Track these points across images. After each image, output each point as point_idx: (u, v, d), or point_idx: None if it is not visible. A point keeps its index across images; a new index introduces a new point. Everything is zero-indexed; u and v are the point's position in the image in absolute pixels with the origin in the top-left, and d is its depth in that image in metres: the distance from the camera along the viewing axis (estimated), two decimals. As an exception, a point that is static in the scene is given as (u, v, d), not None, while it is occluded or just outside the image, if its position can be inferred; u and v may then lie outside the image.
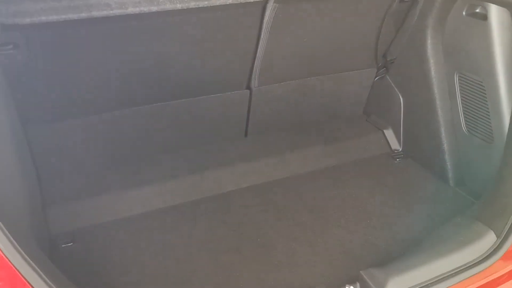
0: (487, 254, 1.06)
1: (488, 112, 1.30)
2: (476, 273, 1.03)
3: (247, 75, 1.42)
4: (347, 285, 1.00)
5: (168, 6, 1.05)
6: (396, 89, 1.58)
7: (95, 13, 1.00)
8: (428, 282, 1.00)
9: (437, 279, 1.01)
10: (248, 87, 1.46)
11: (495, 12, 1.23)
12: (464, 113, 1.39)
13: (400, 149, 1.61)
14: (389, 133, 1.63)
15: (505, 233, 1.08)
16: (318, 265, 1.16)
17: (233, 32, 1.26)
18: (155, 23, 1.13)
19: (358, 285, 1.01)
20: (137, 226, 1.27)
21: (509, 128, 1.22)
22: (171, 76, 1.31)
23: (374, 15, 1.43)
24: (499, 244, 1.07)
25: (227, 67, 1.37)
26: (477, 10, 1.29)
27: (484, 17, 1.25)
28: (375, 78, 1.65)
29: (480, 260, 1.05)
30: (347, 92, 1.65)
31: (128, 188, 1.34)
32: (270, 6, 1.21)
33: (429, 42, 1.40)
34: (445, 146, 1.45)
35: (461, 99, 1.39)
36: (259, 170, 1.47)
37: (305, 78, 1.52)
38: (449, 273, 1.02)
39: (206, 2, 1.07)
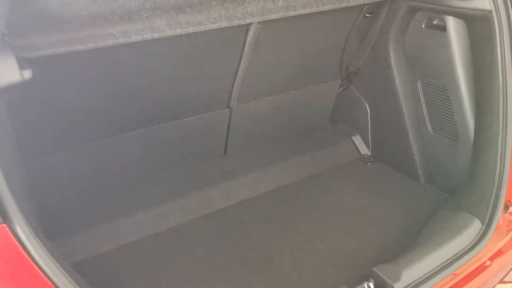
0: (476, 239, 1.19)
1: (452, 112, 1.44)
2: (471, 257, 1.14)
3: (228, 95, 1.47)
4: (364, 282, 1.07)
5: (168, 33, 1.08)
6: (362, 98, 1.69)
7: (101, 43, 1.01)
8: (431, 272, 1.10)
9: (437, 268, 1.11)
10: (228, 106, 1.51)
11: (452, 24, 1.37)
12: (429, 115, 1.53)
13: (370, 154, 1.73)
14: (357, 140, 1.74)
15: (488, 219, 1.22)
16: (325, 268, 1.22)
17: (219, 54, 1.31)
18: (149, 48, 1.15)
19: (372, 281, 1.08)
20: (138, 252, 1.27)
21: (475, 125, 1.37)
22: (158, 100, 1.33)
23: (341, 30, 1.53)
24: (484, 230, 1.21)
25: (211, 88, 1.41)
26: (435, 22, 1.43)
27: (443, 28, 1.39)
28: (339, 89, 1.76)
29: (472, 246, 1.17)
30: (315, 104, 1.75)
31: (120, 216, 1.34)
32: (253, 27, 1.28)
33: (392, 53, 1.53)
34: (413, 147, 1.58)
35: (425, 103, 1.52)
36: (246, 185, 1.52)
37: (279, 94, 1.60)
38: (448, 261, 1.12)
39: (202, 27, 1.12)
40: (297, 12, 1.24)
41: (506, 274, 1.34)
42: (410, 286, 1.06)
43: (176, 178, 1.50)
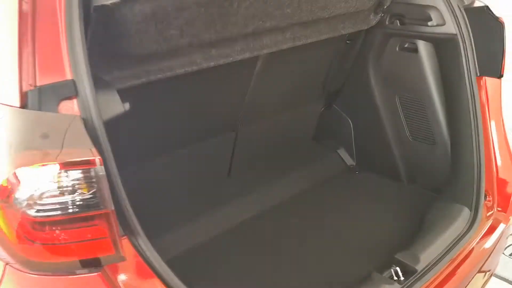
0: (469, 224, 1.41)
1: (428, 121, 1.68)
2: (469, 239, 1.37)
3: (235, 118, 1.63)
4: (392, 266, 1.26)
5: (204, 65, 1.24)
6: (344, 114, 1.91)
7: (152, 77, 1.15)
8: (441, 254, 1.31)
9: (445, 251, 1.32)
10: (234, 129, 1.66)
11: (423, 46, 1.62)
12: (407, 125, 1.76)
13: (355, 164, 1.94)
14: (342, 152, 1.95)
15: (474, 206, 1.45)
16: (350, 262, 1.40)
17: (232, 81, 1.48)
18: (182, 80, 1.29)
19: (397, 267, 1.27)
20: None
21: (451, 129, 1.61)
22: (180, 127, 1.47)
23: (326, 55, 1.75)
24: (473, 216, 1.44)
25: (221, 114, 1.57)
26: (407, 46, 1.68)
27: (415, 50, 1.64)
28: (322, 108, 1.97)
29: (467, 229, 1.39)
30: (301, 123, 1.95)
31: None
32: (262, 57, 1.46)
33: (371, 74, 1.76)
34: (395, 154, 1.80)
35: (404, 115, 1.76)
36: (255, 202, 1.67)
37: (273, 116, 1.78)
38: (452, 243, 1.34)
39: (230, 58, 1.29)
40: (301, 42, 1.43)
41: (486, 261, 1.56)
42: (427, 267, 1.26)
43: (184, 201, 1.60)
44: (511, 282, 2.10)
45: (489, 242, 1.46)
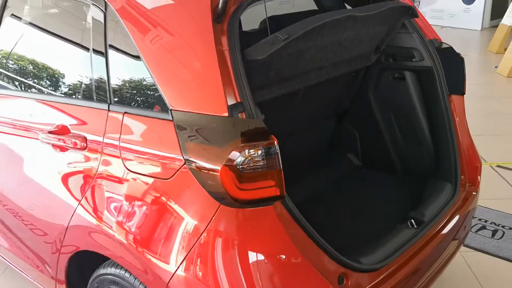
0: (452, 193, 2.08)
1: (416, 129, 2.35)
2: (452, 203, 2.02)
3: (283, 132, 2.25)
4: (408, 219, 1.89)
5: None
6: (352, 128, 2.57)
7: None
8: (439, 210, 1.95)
9: (441, 208, 1.97)
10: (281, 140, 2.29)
11: (408, 75, 2.31)
12: (400, 133, 2.42)
13: (361, 164, 2.59)
14: (351, 156, 2.60)
15: (454, 182, 2.12)
16: (381, 221, 2.01)
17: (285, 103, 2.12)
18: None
19: (412, 220, 1.90)
20: None
21: (433, 134, 2.28)
22: None
23: (339, 85, 2.41)
24: (454, 188, 2.10)
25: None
26: (397, 76, 2.36)
27: (403, 79, 2.32)
28: (334, 124, 2.63)
29: (452, 196, 2.05)
30: (320, 136, 2.60)
31: None
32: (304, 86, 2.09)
33: (371, 98, 2.43)
34: (392, 155, 2.46)
35: (397, 125, 2.42)
36: (295, 192, 2.28)
37: (304, 130, 2.42)
38: (444, 203, 1.99)
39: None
40: (329, 76, 2.08)
41: (458, 232, 2.21)
42: (430, 219, 1.90)
43: None
44: (475, 249, 2.79)
45: (465, 207, 2.13)
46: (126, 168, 1.52)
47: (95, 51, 1.67)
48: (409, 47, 2.23)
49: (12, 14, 2.14)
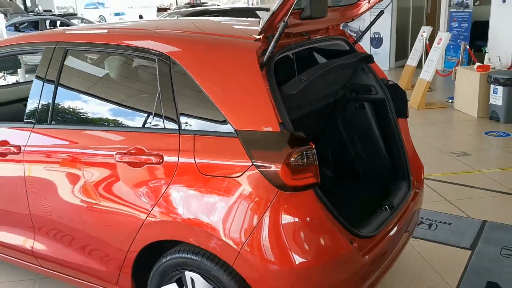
0: (407, 189, 2.86)
1: (375, 145, 3.15)
2: (408, 195, 2.81)
3: None
4: (384, 206, 2.64)
5: None
6: (326, 147, 3.32)
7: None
8: (400, 201, 2.72)
9: (402, 200, 2.74)
10: None
11: (367, 105, 3.10)
12: (362, 148, 3.21)
13: (333, 175, 3.33)
14: (325, 169, 3.33)
15: (407, 181, 2.91)
16: (363, 210, 2.74)
17: None
18: None
19: (386, 206, 2.65)
20: None
21: (387, 147, 3.08)
22: None
23: (321, 114, 3.17)
24: (408, 185, 2.89)
25: None
26: (357, 105, 3.15)
27: (363, 107, 3.11)
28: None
29: (407, 191, 2.84)
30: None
31: None
32: None
33: (339, 123, 3.20)
34: (357, 166, 3.23)
35: (359, 144, 3.20)
36: None
37: None
38: (403, 197, 2.77)
39: None
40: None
41: (410, 222, 3.00)
42: (396, 205, 2.65)
43: None
44: (418, 238, 3.61)
45: (416, 200, 2.92)
46: (201, 172, 2.14)
47: (163, 90, 2.28)
48: (367, 84, 3.03)
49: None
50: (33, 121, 2.68)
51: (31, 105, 2.70)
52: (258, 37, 2.22)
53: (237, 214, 2.07)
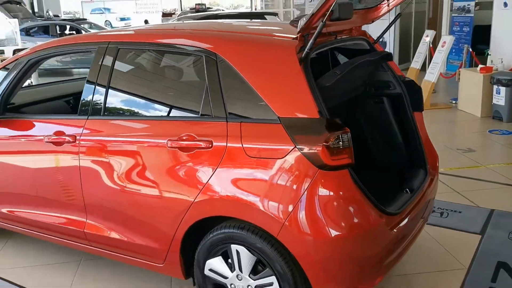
0: (424, 176, 3.15)
1: (393, 137, 3.44)
2: (426, 181, 3.10)
3: None
4: (405, 189, 2.91)
5: None
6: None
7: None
8: (419, 186, 3.01)
9: (421, 185, 3.02)
10: None
11: (385, 100, 3.39)
12: (381, 140, 3.49)
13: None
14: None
15: (424, 168, 3.19)
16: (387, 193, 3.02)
17: None
18: None
19: (406, 189, 2.93)
20: None
21: (404, 139, 3.37)
22: None
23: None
24: (424, 172, 3.18)
25: None
26: (377, 100, 3.44)
27: (382, 102, 3.40)
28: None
29: (425, 178, 3.13)
30: None
31: None
32: None
33: (360, 118, 3.49)
34: (377, 157, 3.51)
35: (378, 136, 3.49)
36: None
37: None
38: (422, 182, 3.05)
39: None
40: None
41: (429, 213, 3.27)
42: (416, 189, 2.94)
43: None
44: (432, 224, 3.89)
45: (432, 185, 3.20)
46: (247, 155, 2.42)
47: (211, 83, 2.57)
48: (386, 80, 3.32)
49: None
50: (87, 113, 2.96)
51: (85, 99, 2.99)
52: (296, 36, 2.51)
53: (281, 191, 2.35)
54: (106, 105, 2.92)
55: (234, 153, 2.47)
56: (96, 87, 2.94)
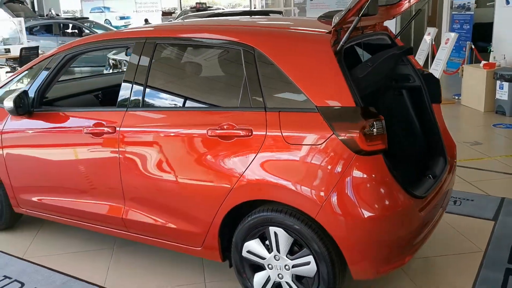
0: (444, 163, 3.33)
1: (412, 126, 3.61)
2: (446, 169, 3.27)
3: None
4: (428, 176, 3.09)
5: None
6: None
7: None
8: (441, 173, 3.18)
9: (442, 172, 3.20)
10: None
11: (405, 92, 3.57)
12: (401, 130, 3.67)
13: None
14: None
15: (443, 156, 3.37)
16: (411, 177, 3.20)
17: None
18: None
19: (429, 175, 3.10)
20: None
21: (423, 128, 3.54)
22: None
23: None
24: (444, 160, 3.36)
25: None
26: (396, 93, 3.61)
27: (402, 94, 3.58)
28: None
29: (445, 165, 3.31)
30: None
31: None
32: None
33: (380, 109, 3.66)
34: (396, 146, 3.69)
35: (398, 126, 3.66)
36: None
37: None
38: (442, 169, 3.23)
39: None
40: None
41: (447, 203, 3.44)
42: (438, 175, 3.11)
43: None
44: (447, 212, 4.07)
45: (452, 171, 3.37)
46: (286, 142, 2.58)
47: (249, 75, 2.73)
48: (406, 73, 3.49)
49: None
50: (126, 105, 3.12)
51: (123, 92, 3.14)
52: (329, 30, 2.67)
53: (320, 175, 2.52)
54: (145, 98, 3.08)
55: (274, 140, 2.63)
56: (135, 80, 3.10)
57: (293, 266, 2.72)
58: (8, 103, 3.38)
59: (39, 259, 3.64)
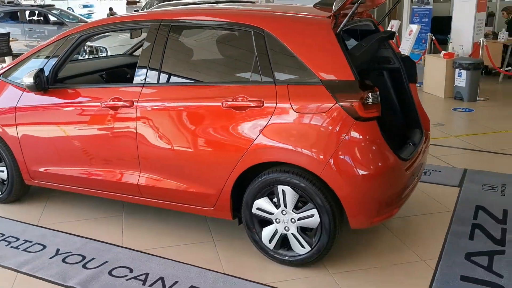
0: (420, 134, 3.83)
1: (392, 103, 4.10)
2: (423, 139, 3.78)
3: None
4: (409, 143, 3.58)
5: None
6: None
7: None
8: (419, 142, 3.69)
9: (420, 141, 3.70)
10: None
11: (385, 73, 4.04)
12: (382, 107, 4.15)
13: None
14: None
15: (419, 128, 3.87)
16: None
17: None
18: None
19: (410, 143, 3.60)
20: None
21: (401, 104, 4.03)
22: None
23: None
24: (420, 131, 3.86)
25: None
26: (378, 74, 4.09)
27: (382, 75, 4.06)
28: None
29: (421, 136, 3.81)
30: None
31: None
32: None
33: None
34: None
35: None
36: None
37: None
38: (420, 139, 3.74)
39: None
40: None
41: (421, 173, 3.97)
42: (417, 144, 3.61)
43: None
44: (421, 181, 4.60)
45: (427, 141, 3.88)
46: (295, 111, 3.00)
47: (259, 54, 3.13)
48: (387, 56, 3.97)
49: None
50: (144, 81, 3.45)
51: (140, 69, 3.47)
52: (329, 15, 3.10)
53: (324, 138, 2.96)
54: (161, 74, 3.42)
55: (283, 110, 3.04)
56: (151, 59, 3.43)
57: (299, 219, 3.15)
58: (28, 79, 3.64)
59: (54, 226, 3.92)
